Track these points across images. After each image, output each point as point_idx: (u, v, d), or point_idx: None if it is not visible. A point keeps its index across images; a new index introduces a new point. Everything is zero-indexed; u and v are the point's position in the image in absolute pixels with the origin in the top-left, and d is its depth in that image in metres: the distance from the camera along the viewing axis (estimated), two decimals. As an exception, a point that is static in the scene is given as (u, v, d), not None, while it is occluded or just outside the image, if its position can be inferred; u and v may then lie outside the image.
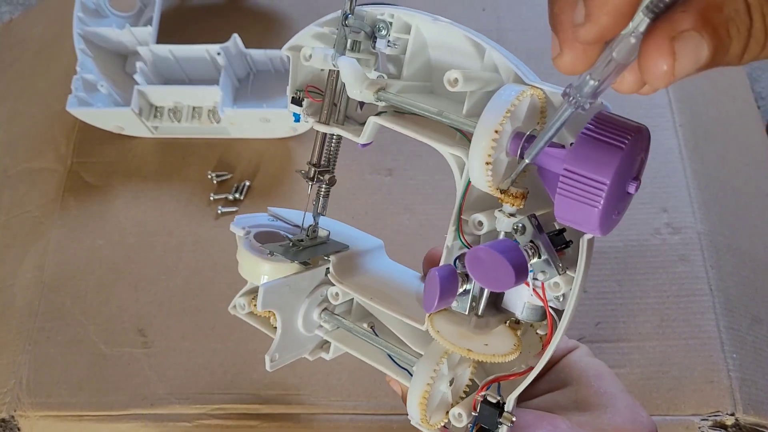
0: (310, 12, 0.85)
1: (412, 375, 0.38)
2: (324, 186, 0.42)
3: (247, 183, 0.72)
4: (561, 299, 0.33)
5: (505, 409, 0.34)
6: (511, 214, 0.32)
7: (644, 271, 0.64)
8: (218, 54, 0.73)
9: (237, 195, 0.71)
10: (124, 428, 0.60)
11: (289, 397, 0.59)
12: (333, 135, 0.40)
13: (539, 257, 0.31)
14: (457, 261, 0.35)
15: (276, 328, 0.42)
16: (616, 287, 0.63)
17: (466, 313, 0.35)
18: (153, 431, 0.59)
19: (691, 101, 0.76)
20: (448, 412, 0.37)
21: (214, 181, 0.72)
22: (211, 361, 0.62)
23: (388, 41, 0.36)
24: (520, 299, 0.36)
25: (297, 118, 0.39)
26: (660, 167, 0.69)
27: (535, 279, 0.33)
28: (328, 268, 0.42)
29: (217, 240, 0.69)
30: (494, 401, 0.35)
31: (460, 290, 0.34)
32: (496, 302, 0.37)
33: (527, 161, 0.29)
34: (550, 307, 0.34)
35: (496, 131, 0.29)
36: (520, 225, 0.31)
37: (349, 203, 0.69)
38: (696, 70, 0.21)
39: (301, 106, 0.39)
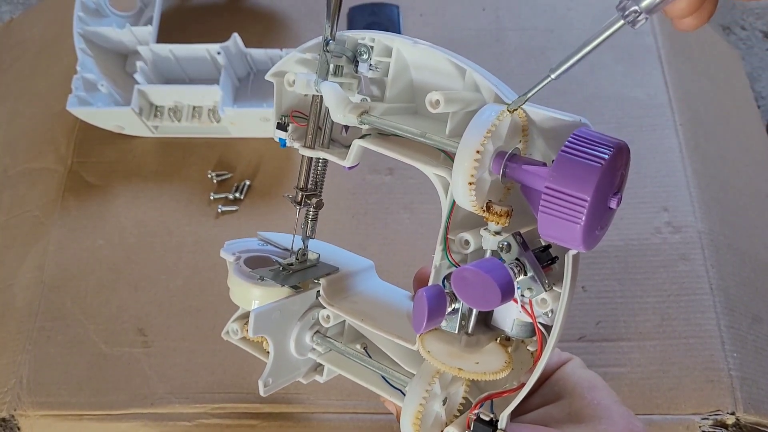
0: (310, 12, 0.85)
1: (405, 395, 0.38)
2: (312, 209, 0.42)
3: (247, 182, 0.72)
4: (549, 315, 0.33)
5: (498, 426, 0.34)
6: (497, 233, 0.33)
7: (645, 270, 0.64)
8: (218, 53, 0.73)
9: (237, 194, 0.71)
10: (124, 428, 0.60)
11: (289, 397, 0.59)
12: (319, 159, 0.41)
13: (525, 274, 0.32)
14: (446, 280, 0.35)
15: (269, 352, 0.42)
16: (617, 286, 0.63)
17: (456, 332, 0.35)
18: (153, 431, 0.59)
19: (692, 101, 0.76)
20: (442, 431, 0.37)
21: (214, 181, 0.72)
22: (211, 360, 0.62)
23: (370, 65, 0.36)
24: (510, 316, 0.36)
25: (283, 144, 0.40)
26: (660, 166, 0.69)
27: (522, 296, 0.33)
28: (318, 291, 0.42)
29: (217, 240, 0.68)
30: (487, 419, 0.35)
31: (449, 309, 0.34)
32: (485, 320, 0.37)
33: (552, 77, 0.28)
34: (539, 323, 0.34)
35: (478, 151, 0.29)
36: (506, 243, 0.32)
37: (350, 203, 0.69)
38: None
39: (286, 131, 0.39)
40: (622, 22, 0.24)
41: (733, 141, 0.77)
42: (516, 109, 0.31)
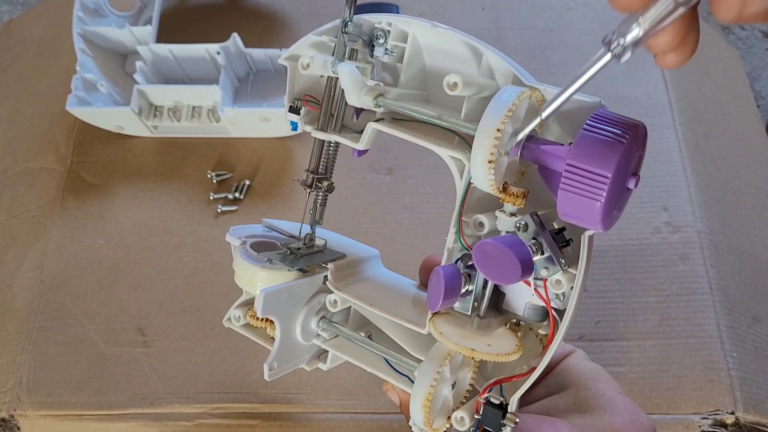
0: (310, 12, 0.85)
1: (412, 381, 0.38)
2: (322, 193, 0.42)
3: (247, 182, 0.72)
4: (562, 298, 0.34)
5: (509, 410, 0.34)
6: (512, 214, 0.33)
7: (644, 269, 0.64)
8: (218, 53, 0.73)
9: (237, 194, 0.71)
10: (124, 427, 0.60)
11: (289, 397, 0.59)
12: (331, 142, 0.41)
13: (542, 254, 0.32)
14: (459, 262, 0.35)
15: (272, 339, 0.41)
16: (616, 286, 0.63)
17: (469, 313, 0.36)
18: (153, 430, 0.59)
19: (691, 100, 0.76)
20: (449, 417, 0.37)
21: (214, 181, 0.72)
22: (211, 360, 0.62)
23: (386, 49, 0.36)
24: (522, 299, 0.36)
25: (294, 127, 0.39)
26: (660, 166, 0.69)
27: (537, 279, 0.33)
28: (325, 276, 0.42)
29: (216, 239, 0.69)
30: (497, 402, 0.35)
31: (463, 290, 0.34)
32: (497, 304, 0.37)
33: (543, 116, 0.29)
34: (552, 307, 0.34)
35: (498, 130, 0.30)
36: (523, 223, 0.32)
37: (349, 202, 0.69)
38: (765, 13, 0.20)
39: (298, 114, 0.39)
40: (609, 56, 0.25)
41: (733, 141, 0.77)
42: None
